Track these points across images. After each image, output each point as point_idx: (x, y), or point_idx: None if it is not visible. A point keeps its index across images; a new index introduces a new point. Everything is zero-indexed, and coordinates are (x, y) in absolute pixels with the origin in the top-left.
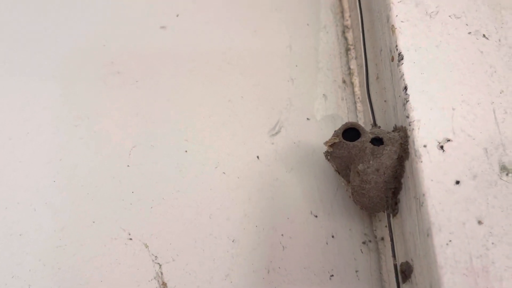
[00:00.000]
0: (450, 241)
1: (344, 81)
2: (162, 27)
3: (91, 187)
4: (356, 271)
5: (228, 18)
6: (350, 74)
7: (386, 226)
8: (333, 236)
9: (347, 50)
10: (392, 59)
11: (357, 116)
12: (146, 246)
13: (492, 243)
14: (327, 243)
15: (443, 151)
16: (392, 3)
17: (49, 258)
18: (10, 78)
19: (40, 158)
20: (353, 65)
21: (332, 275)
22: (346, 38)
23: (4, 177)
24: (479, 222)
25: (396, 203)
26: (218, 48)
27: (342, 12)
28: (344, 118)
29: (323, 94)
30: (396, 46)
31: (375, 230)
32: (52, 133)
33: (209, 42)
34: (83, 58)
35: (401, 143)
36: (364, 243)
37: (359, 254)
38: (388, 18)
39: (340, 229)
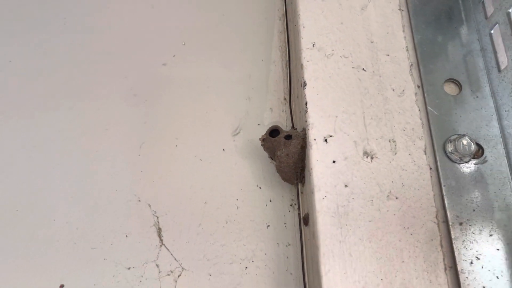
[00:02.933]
0: (326, 196)
1: (284, 99)
2: (164, 64)
3: (113, 168)
4: (285, 223)
5: (209, 57)
6: (289, 94)
7: (301, 193)
8: (270, 201)
9: (288, 76)
10: (302, 85)
11: (292, 121)
12: (149, 205)
13: (352, 198)
14: (266, 205)
15: (327, 142)
16: (302, 49)
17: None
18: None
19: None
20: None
21: (269, 225)
22: (288, 68)
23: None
24: (345, 186)
25: (303, 177)
26: (200, 77)
27: (287, 50)
28: (283, 122)
29: (270, 108)
30: (303, 77)
31: (298, 197)
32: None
33: (195, 73)
34: (109, 86)
35: (302, 138)
36: (291, 205)
37: (287, 212)
38: (299, 58)
39: (275, 196)
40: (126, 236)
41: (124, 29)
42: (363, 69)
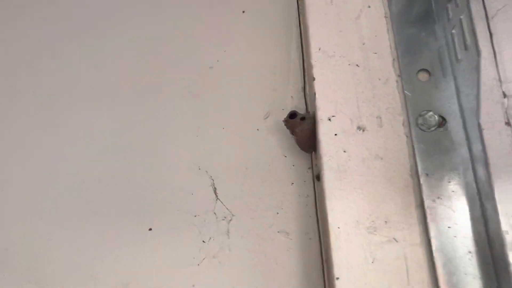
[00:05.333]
0: (329, 159)
1: (302, 89)
2: (211, 67)
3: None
4: (304, 181)
5: (245, 61)
6: (305, 85)
7: (315, 158)
8: (293, 165)
9: (303, 73)
10: (313, 79)
11: (306, 106)
12: (206, 172)
13: (349, 160)
14: (290, 168)
15: (330, 121)
16: (311, 53)
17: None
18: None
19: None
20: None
21: (293, 183)
22: (303, 67)
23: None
24: (344, 151)
25: (315, 148)
26: (239, 76)
27: (301, 52)
28: (301, 107)
29: (291, 96)
30: (312, 73)
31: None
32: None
33: (234, 73)
34: (172, 86)
35: (313, 118)
36: (308, 167)
37: (305, 173)
38: (309, 59)
39: (297, 161)
40: (192, 194)
41: (178, 39)
42: (357, 65)
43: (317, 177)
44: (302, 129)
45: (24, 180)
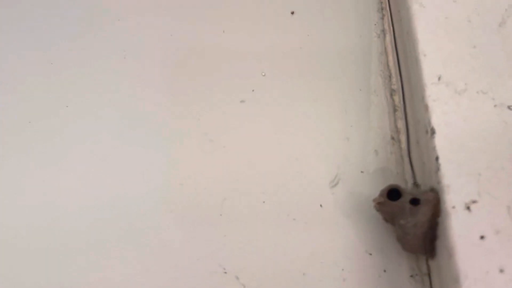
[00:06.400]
0: (476, 284)
1: (392, 138)
2: (242, 101)
3: (192, 231)
4: None
5: (294, 91)
6: (397, 131)
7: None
8: (385, 271)
9: (395, 110)
10: (427, 132)
11: (404, 169)
12: (237, 278)
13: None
14: (380, 276)
15: (470, 211)
16: (426, 85)
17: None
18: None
19: (152, 211)
20: (400, 124)
21: None
22: (393, 100)
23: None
24: (501, 271)
25: (433, 249)
26: (287, 115)
27: (390, 76)
28: (393, 170)
29: (375, 150)
30: (429, 122)
31: (420, 266)
32: (164, 191)
33: (278, 112)
34: (182, 132)
35: (434, 204)
36: (411, 276)
37: (407, 285)
38: (422, 97)
39: (391, 264)
40: None
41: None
42: (509, 107)
43: None
44: (416, 223)
45: None
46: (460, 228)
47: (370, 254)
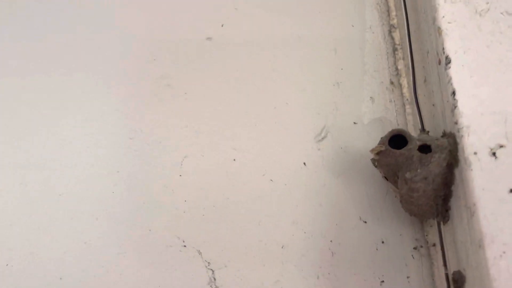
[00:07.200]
0: (504, 252)
1: (392, 83)
2: (208, 38)
3: (146, 197)
4: (408, 277)
5: (271, 26)
6: (398, 75)
7: (438, 232)
8: (383, 242)
9: (394, 50)
10: (439, 62)
11: (406, 118)
12: (200, 253)
13: None
14: (377, 249)
15: (496, 158)
16: (438, 4)
17: (112, 265)
18: (70, 98)
19: (100, 171)
20: (401, 65)
21: (383, 281)
22: (392, 38)
23: (69, 189)
24: None
25: (446, 210)
26: (263, 56)
27: (388, 10)
28: (393, 121)
29: (370, 97)
30: (443, 48)
31: (426, 235)
32: (110, 146)
33: (254, 50)
34: (135, 73)
35: (450, 150)
36: (415, 248)
37: (410, 259)
38: (434, 19)
39: (390, 234)
40: None
41: None
42: None
43: (457, 283)
44: (426, 175)
45: None
46: (484, 180)
47: (365, 222)
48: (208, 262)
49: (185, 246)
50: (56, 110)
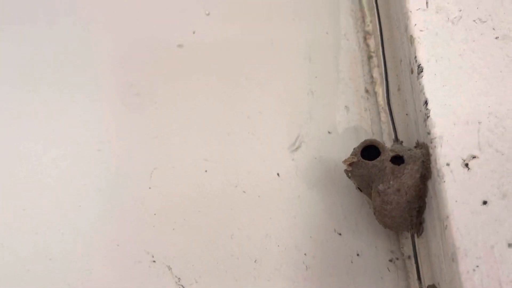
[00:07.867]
0: (477, 266)
1: (367, 91)
2: (179, 46)
3: (114, 210)
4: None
5: (244, 33)
6: (373, 83)
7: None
8: (358, 255)
9: (369, 57)
10: (412, 71)
11: (381, 127)
12: (169, 268)
13: None
14: (352, 262)
15: (468, 169)
16: (410, 11)
17: (77, 282)
18: (35, 106)
19: (65, 184)
20: (376, 73)
21: None
22: (368, 45)
23: (32, 203)
24: (510, 245)
25: (421, 223)
26: (235, 63)
27: (363, 17)
28: (368, 130)
29: (345, 106)
30: (415, 57)
31: (402, 247)
32: (76, 158)
33: (225, 57)
34: (102, 81)
35: (423, 161)
36: (391, 261)
37: (386, 272)
38: (406, 27)
39: (365, 247)
40: None
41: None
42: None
43: None
44: (399, 187)
45: None
46: (457, 192)
47: (340, 234)
48: (179, 278)
49: (154, 261)
50: (18, 121)
